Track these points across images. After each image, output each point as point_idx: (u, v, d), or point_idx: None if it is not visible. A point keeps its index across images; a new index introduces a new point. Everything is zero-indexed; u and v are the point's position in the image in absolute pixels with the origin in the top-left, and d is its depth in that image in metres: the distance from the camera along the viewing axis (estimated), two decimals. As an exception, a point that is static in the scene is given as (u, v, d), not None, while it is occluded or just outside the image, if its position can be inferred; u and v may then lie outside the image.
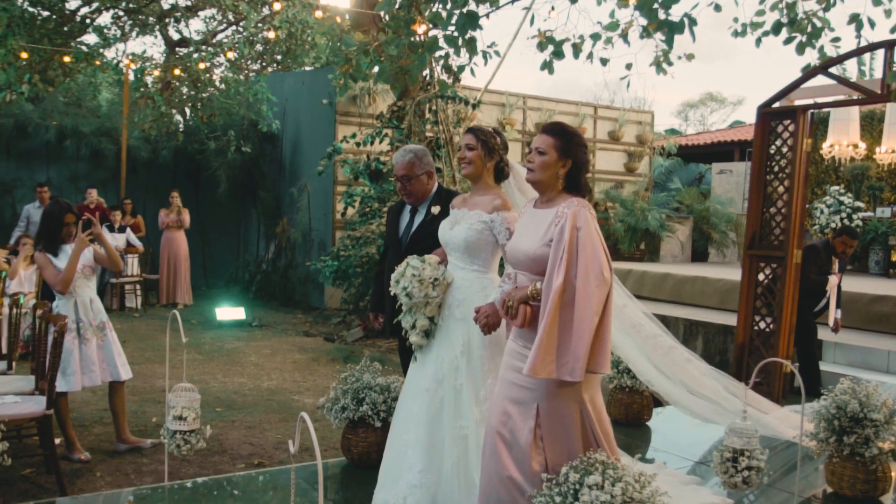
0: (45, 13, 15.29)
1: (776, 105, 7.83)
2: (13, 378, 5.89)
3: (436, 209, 4.68)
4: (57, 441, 5.42)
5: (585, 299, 3.30)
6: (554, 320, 3.32)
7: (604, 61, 7.76)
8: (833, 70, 7.54)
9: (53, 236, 5.88)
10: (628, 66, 7.78)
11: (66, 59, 14.66)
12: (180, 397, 4.51)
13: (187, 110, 17.87)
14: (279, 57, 19.09)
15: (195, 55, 16.43)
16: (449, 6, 6.95)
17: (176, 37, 18.86)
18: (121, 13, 16.76)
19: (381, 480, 4.36)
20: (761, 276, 7.95)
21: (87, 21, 16.41)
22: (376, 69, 8.66)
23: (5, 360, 6.61)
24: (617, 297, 4.98)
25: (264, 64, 19.37)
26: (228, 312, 12.29)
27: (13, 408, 4.98)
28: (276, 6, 15.06)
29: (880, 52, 7.08)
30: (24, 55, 13.52)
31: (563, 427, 3.48)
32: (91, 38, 16.80)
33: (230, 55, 16.37)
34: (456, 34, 6.83)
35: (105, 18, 16.82)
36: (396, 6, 7.32)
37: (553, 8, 7.84)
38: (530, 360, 3.32)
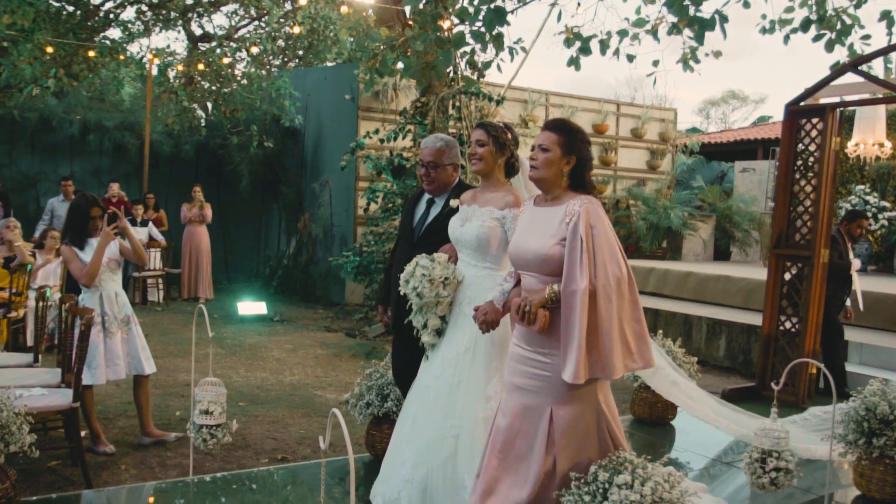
0: (70, 8, 15.35)
1: (804, 103, 7.77)
2: (39, 370, 5.91)
3: (455, 202, 4.60)
4: (82, 434, 5.43)
5: (606, 297, 3.27)
6: (610, 319, 3.27)
7: (630, 58, 7.71)
8: (863, 67, 7.47)
9: (80, 230, 5.90)
10: (655, 63, 7.75)
11: (91, 53, 14.72)
12: (206, 391, 4.52)
13: (209, 105, 17.93)
14: (301, 52, 19.10)
15: (218, 50, 16.45)
16: (476, 2, 6.92)
17: (198, 32, 18.91)
18: (144, 8, 16.80)
19: (381, 474, 4.37)
20: (787, 276, 7.90)
21: (111, 16, 16.46)
22: (400, 65, 8.65)
23: (31, 352, 6.64)
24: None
25: (286, 59, 19.40)
26: (250, 307, 12.31)
27: (40, 400, 4.99)
28: (302, 1, 15.06)
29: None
30: (50, 50, 13.59)
31: (579, 431, 3.43)
32: (115, 33, 16.88)
33: (254, 50, 16.38)
34: (483, 30, 6.80)
35: (129, 13, 16.87)
36: (423, 1, 7.29)
37: (579, 4, 7.81)
38: (572, 367, 3.25)
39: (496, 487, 3.51)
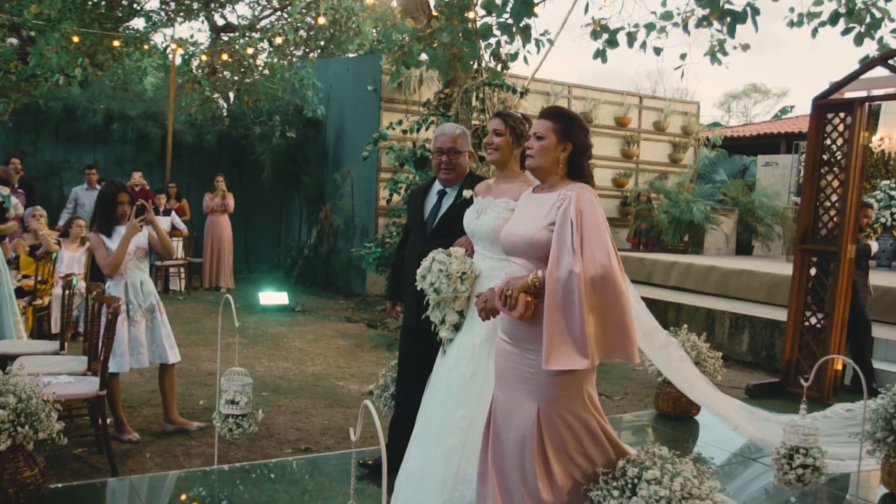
0: (96, -2, 15.45)
1: (831, 97, 7.71)
2: (66, 358, 5.95)
3: (468, 193, 4.54)
4: (107, 421, 5.46)
5: (589, 285, 3.14)
6: (591, 307, 3.15)
7: (657, 51, 7.67)
8: (892, 61, 7.39)
9: (108, 216, 5.92)
10: (682, 56, 7.70)
11: (116, 43, 14.79)
12: (233, 381, 4.53)
13: (231, 95, 17.98)
14: (322, 43, 19.11)
15: (241, 41, 16.49)
16: (504, -7, 6.89)
17: (221, 22, 18.95)
18: (168, -2, 16.89)
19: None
20: (813, 271, 7.84)
21: (136, 6, 16.54)
22: (423, 56, 8.63)
23: (57, 340, 6.68)
24: (633, 302, 4.87)
25: (308, 50, 19.41)
26: (272, 297, 12.33)
27: (68, 388, 5.02)
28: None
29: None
30: (76, 39, 13.67)
31: (568, 428, 3.33)
32: (139, 23, 16.95)
33: (278, 40, 16.40)
34: (510, 21, 6.78)
35: (153, 3, 16.95)
36: (451, -8, 7.27)
37: (607, -5, 7.78)
38: (582, 352, 3.14)
39: (497, 489, 3.45)
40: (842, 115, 7.59)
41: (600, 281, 3.15)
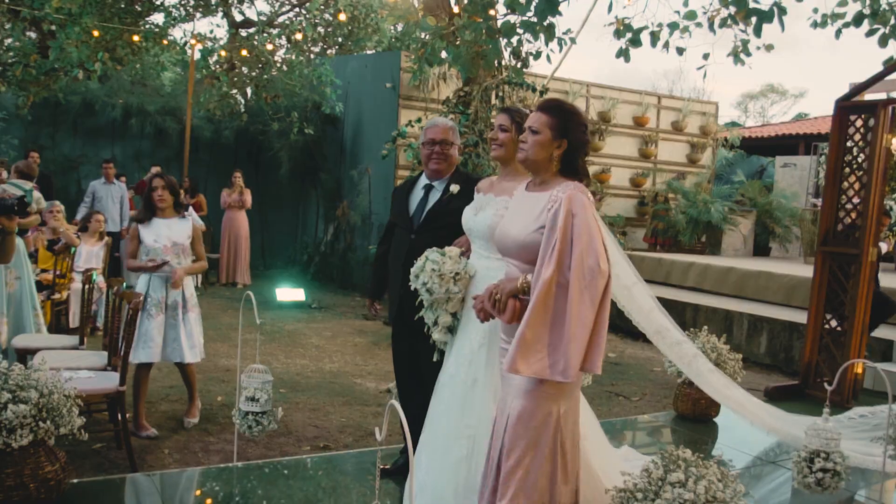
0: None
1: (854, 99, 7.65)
2: (86, 353, 5.96)
3: (455, 188, 4.52)
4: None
5: (580, 294, 3.06)
6: (538, 314, 3.08)
7: (680, 51, 7.64)
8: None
9: (148, 203, 6.02)
10: (705, 56, 7.66)
11: (135, 38, 14.86)
12: (253, 378, 4.52)
13: (248, 91, 18.03)
14: (340, 40, 19.14)
15: (260, 36, 16.53)
16: (528, -9, 6.87)
17: (239, 18, 19.01)
18: (187, -7, 16.97)
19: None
20: (833, 274, 7.79)
21: (155, 1, 16.61)
22: (444, 54, 8.62)
23: (75, 334, 6.70)
24: (643, 301, 4.83)
25: (326, 46, 19.46)
26: (288, 293, 12.34)
27: (88, 383, 5.02)
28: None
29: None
30: (96, 34, 13.74)
31: (524, 429, 3.22)
32: (158, 18, 17.05)
33: (298, 36, 16.44)
34: (534, 19, 6.76)
35: (172, -1, 17.04)
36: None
37: (630, -6, 7.74)
38: (510, 355, 3.08)
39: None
40: (864, 117, 7.53)
41: (590, 288, 3.08)
